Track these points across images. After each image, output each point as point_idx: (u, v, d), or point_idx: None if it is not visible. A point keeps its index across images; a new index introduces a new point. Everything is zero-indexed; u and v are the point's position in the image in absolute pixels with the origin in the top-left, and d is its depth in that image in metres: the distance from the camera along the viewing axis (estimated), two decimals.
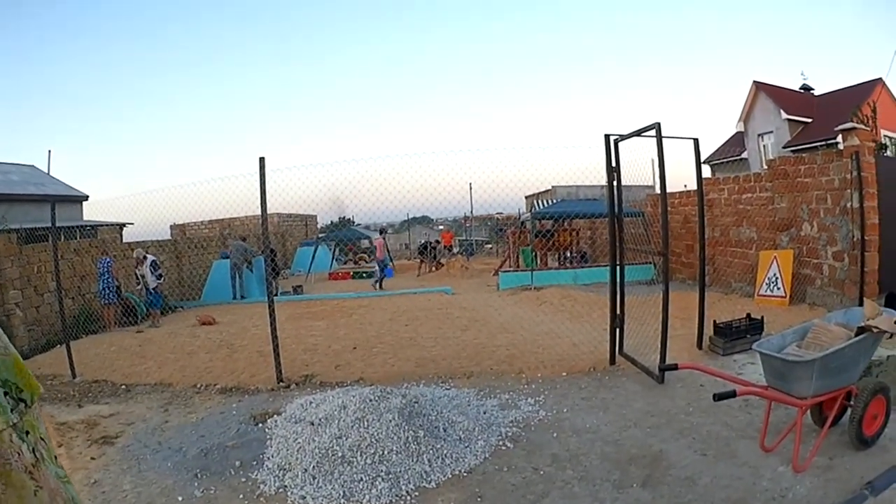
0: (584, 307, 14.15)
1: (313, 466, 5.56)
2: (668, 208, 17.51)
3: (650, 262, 17.74)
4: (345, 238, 30.20)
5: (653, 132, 7.72)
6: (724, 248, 16.30)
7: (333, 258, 30.45)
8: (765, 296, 13.55)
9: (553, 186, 30.72)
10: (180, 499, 5.55)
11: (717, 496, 4.80)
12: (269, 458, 6.06)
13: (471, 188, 31.32)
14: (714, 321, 9.57)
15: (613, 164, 8.93)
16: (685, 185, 18.38)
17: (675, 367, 5.76)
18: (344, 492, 5.19)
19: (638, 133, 8.15)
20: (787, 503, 4.65)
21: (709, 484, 5.02)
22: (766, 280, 13.64)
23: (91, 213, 25.79)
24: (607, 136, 8.88)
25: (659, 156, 7.66)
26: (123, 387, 10.04)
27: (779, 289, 13.33)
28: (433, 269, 28.17)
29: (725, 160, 34.02)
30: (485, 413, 6.97)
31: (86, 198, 26.20)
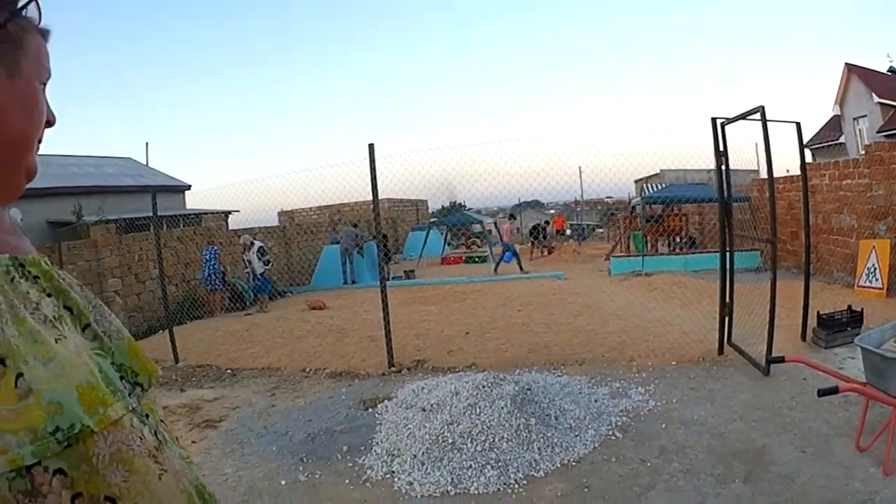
0: (695, 294, 13.87)
1: (422, 452, 5.62)
2: (776, 194, 17.43)
3: (757, 249, 17.95)
4: (457, 223, 30.44)
5: (757, 115, 7.67)
6: (826, 237, 15.90)
7: (445, 243, 30.76)
8: (864, 287, 13.13)
9: (661, 170, 30.75)
10: (283, 482, 5.69)
11: (812, 496, 4.79)
12: (377, 444, 6.15)
13: (580, 172, 31.14)
14: (818, 312, 9.33)
15: (721, 148, 8.88)
16: (787, 170, 18.00)
17: (781, 360, 5.71)
18: (452, 478, 5.25)
19: (743, 116, 8.09)
20: None
21: (806, 483, 5.00)
22: (866, 270, 13.19)
23: (195, 202, 26.71)
24: (714, 120, 8.82)
25: (765, 140, 7.65)
26: (229, 371, 10.32)
27: (877, 280, 12.85)
28: (544, 253, 28.21)
29: (824, 144, 33.28)
30: (595, 401, 7.02)
31: (188, 187, 27.15)
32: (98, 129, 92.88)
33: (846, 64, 31.30)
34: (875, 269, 12.85)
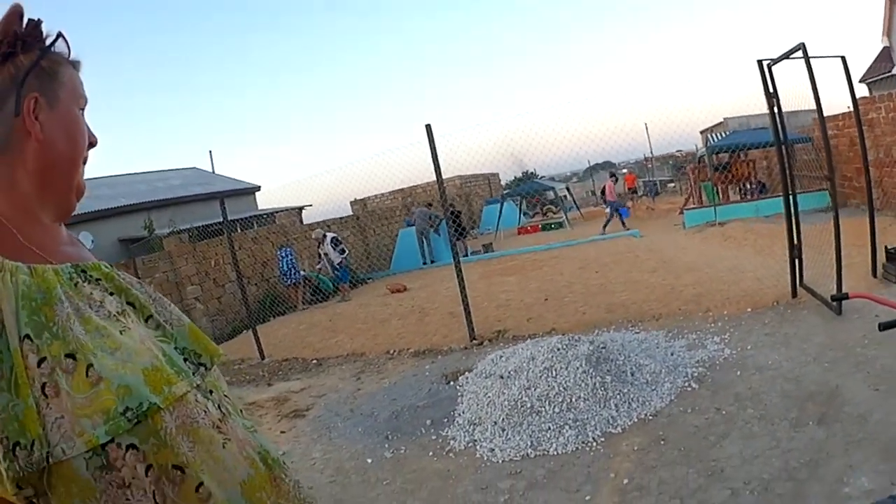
0: (767, 240, 13.72)
1: (503, 419, 5.77)
2: (836, 131, 17.29)
3: (825, 189, 17.29)
4: (528, 191, 30.52)
5: (800, 53, 7.57)
6: (891, 170, 15.35)
7: (521, 213, 30.85)
8: None
9: (724, 119, 30.37)
10: (370, 461, 5.93)
11: (886, 433, 4.66)
12: (459, 415, 6.34)
13: (647, 128, 30.95)
14: (885, 247, 9.05)
15: (771, 89, 8.71)
16: (848, 107, 16.70)
17: (845, 297, 5.50)
18: (532, 441, 5.39)
19: (787, 55, 7.92)
20: None
21: (879, 421, 4.87)
22: None
23: (267, 201, 27.31)
24: (760, 62, 8.67)
25: (810, 77, 7.47)
26: (314, 361, 10.59)
27: None
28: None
29: (878, 77, 32.00)
30: (672, 354, 7.08)
31: (257, 188, 27.71)
32: (162, 144, 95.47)
33: None
34: None
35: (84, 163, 1.27)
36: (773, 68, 8.51)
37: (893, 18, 29.92)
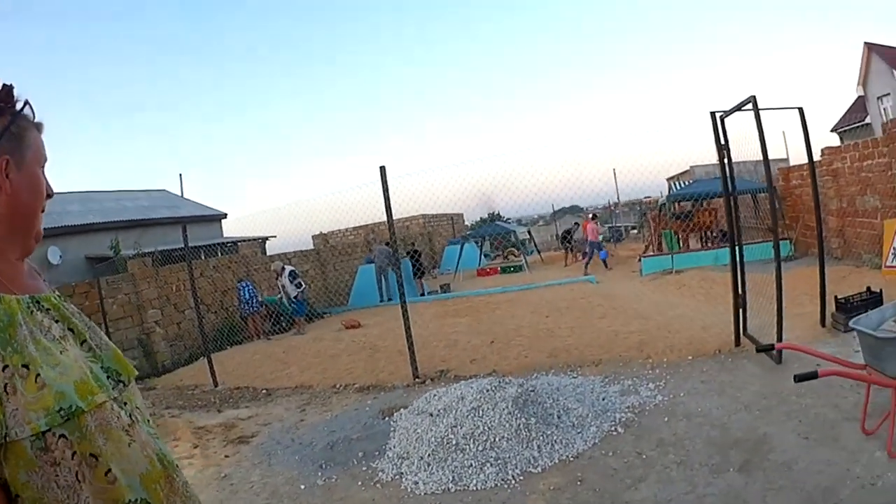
0: (722, 288, 13.70)
1: (429, 454, 6.01)
2: (800, 181, 18.36)
3: (786, 238, 17.72)
4: (489, 234, 30.81)
5: (760, 105, 7.79)
6: (852, 219, 15.57)
7: (481, 255, 30.97)
8: (891, 267, 12.80)
9: (691, 167, 30.76)
10: (303, 487, 6.26)
11: (809, 482, 4.77)
12: (390, 449, 6.57)
13: (615, 174, 31.41)
14: (835, 297, 9.30)
15: (722, 141, 8.97)
16: (822, 152, 17.29)
17: (771, 348, 5.78)
18: (453, 476, 5.62)
19: (738, 108, 8.20)
20: (876, 491, 4.54)
21: (803, 469, 4.97)
22: (892, 250, 12.84)
23: (233, 229, 27.25)
24: (712, 114, 8.92)
25: (758, 128, 7.75)
26: (264, 391, 10.85)
27: None
28: (578, 258, 27.97)
29: (850, 127, 32.92)
30: (604, 399, 7.25)
31: (224, 216, 27.89)
32: (134, 163, 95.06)
33: (865, 43, 31.37)
34: None
35: (42, 211, 1.59)
36: (734, 117, 8.72)
37: (870, 68, 31.04)
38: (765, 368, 7.69)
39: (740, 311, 8.99)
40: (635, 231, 39.51)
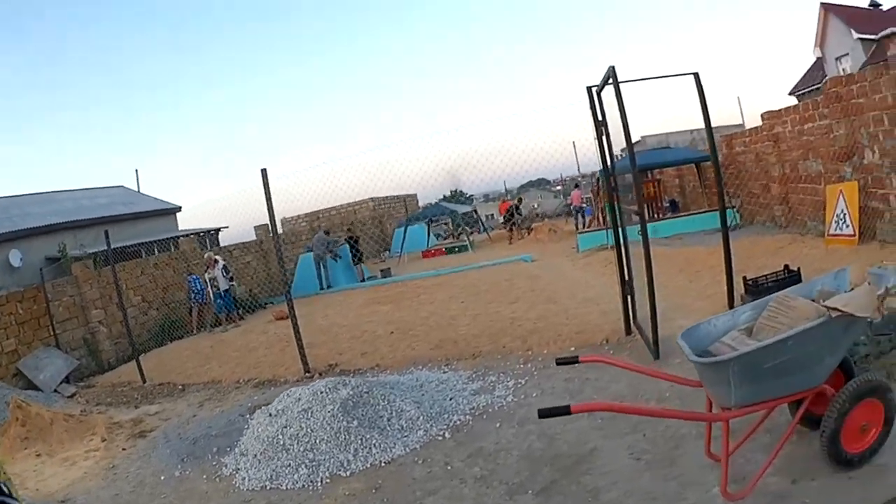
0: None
1: (261, 452, 6.51)
2: (743, 148, 17.62)
3: (731, 207, 17.14)
4: (433, 215, 30.95)
5: (639, 78, 7.97)
6: (795, 185, 14.91)
7: (429, 236, 31.17)
8: (835, 235, 12.14)
9: (642, 137, 30.82)
10: (163, 478, 6.97)
11: None
12: (238, 445, 7.07)
13: (574, 146, 31.56)
14: (743, 277, 8.46)
15: (600, 117, 8.48)
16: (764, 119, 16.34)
17: (574, 361, 4.87)
18: (272, 475, 6.12)
19: (606, 81, 7.76)
20: None
21: (612, 500, 4.54)
22: (835, 217, 12.23)
23: (189, 221, 27.52)
24: (588, 89, 8.52)
25: (618, 101, 7.29)
26: (180, 387, 11.42)
27: (847, 226, 11.87)
28: (523, 235, 28.30)
29: (809, 89, 32.64)
30: (451, 399, 7.37)
31: (178, 209, 28.16)
32: (94, 159, 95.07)
33: (821, 3, 31.44)
34: (844, 214, 12.02)
35: None
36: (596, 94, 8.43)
37: (827, 29, 31.25)
38: (641, 363, 6.76)
39: (628, 297, 8.59)
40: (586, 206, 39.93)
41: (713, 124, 8.62)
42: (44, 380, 13.36)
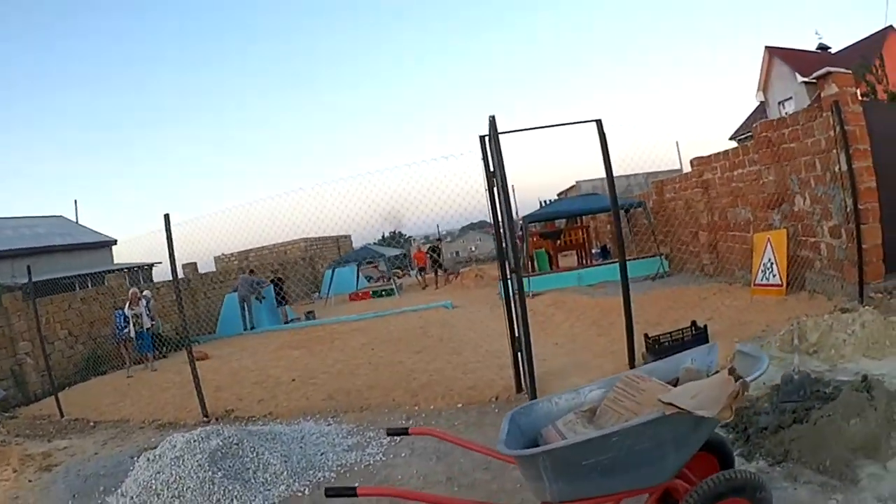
0: (565, 315, 14.05)
1: (136, 495, 6.95)
2: (673, 194, 17.79)
3: (658, 255, 17.96)
4: (361, 258, 31.46)
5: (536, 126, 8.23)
6: (724, 233, 14.93)
7: (358, 279, 31.71)
8: (761, 285, 12.05)
9: (577, 182, 31.62)
10: None
11: None
12: (121, 486, 7.49)
13: (513, 189, 32.17)
14: (645, 335, 8.51)
15: (492, 167, 8.39)
16: (696, 165, 16.26)
17: (404, 432, 4.83)
18: None
19: (496, 131, 7.94)
20: None
21: None
22: (762, 266, 12.11)
23: (124, 254, 28.02)
24: (482, 138, 8.41)
25: (492, 149, 7.57)
26: (92, 424, 11.97)
27: (774, 276, 11.79)
28: (450, 279, 28.89)
29: (749, 133, 31.49)
30: (322, 455, 7.61)
31: (114, 242, 28.71)
32: (34, 186, 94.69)
33: (766, 47, 31.43)
34: (772, 263, 11.87)
35: None
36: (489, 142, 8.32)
37: (771, 73, 31.19)
38: None
39: (519, 354, 8.44)
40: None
41: (651, 170, 8.91)
42: None
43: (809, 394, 5.51)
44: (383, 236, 40.58)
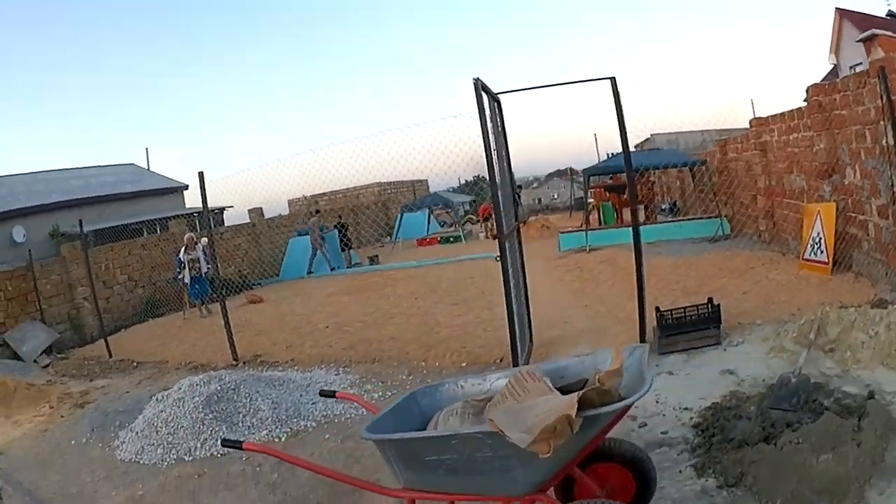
0: (610, 273, 13.66)
1: (141, 430, 7.67)
2: (735, 154, 17.16)
3: (720, 216, 17.32)
4: (430, 204, 31.84)
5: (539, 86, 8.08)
6: (780, 200, 14.08)
7: (429, 224, 32.08)
8: (809, 260, 11.28)
9: (651, 135, 30.42)
10: (72, 443, 8.27)
11: None
12: (133, 422, 8.09)
13: (596, 138, 33.78)
14: (656, 308, 8.07)
15: (495, 125, 7.86)
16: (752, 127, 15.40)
17: (332, 395, 4.93)
18: (139, 450, 7.28)
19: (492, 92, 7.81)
20: None
21: None
22: (811, 241, 11.24)
23: (193, 200, 28.71)
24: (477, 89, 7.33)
25: (479, 108, 7.03)
26: (134, 364, 12.82)
27: (822, 252, 10.91)
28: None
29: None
30: (312, 404, 7.92)
31: (185, 187, 29.52)
32: (115, 136, 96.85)
33: (837, 9, 30.11)
34: (820, 238, 11.00)
35: None
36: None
37: (842, 36, 30.04)
38: None
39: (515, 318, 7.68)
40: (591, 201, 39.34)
41: (721, 126, 8.51)
42: (26, 351, 15.16)
43: (802, 404, 4.89)
44: (466, 181, 40.14)
